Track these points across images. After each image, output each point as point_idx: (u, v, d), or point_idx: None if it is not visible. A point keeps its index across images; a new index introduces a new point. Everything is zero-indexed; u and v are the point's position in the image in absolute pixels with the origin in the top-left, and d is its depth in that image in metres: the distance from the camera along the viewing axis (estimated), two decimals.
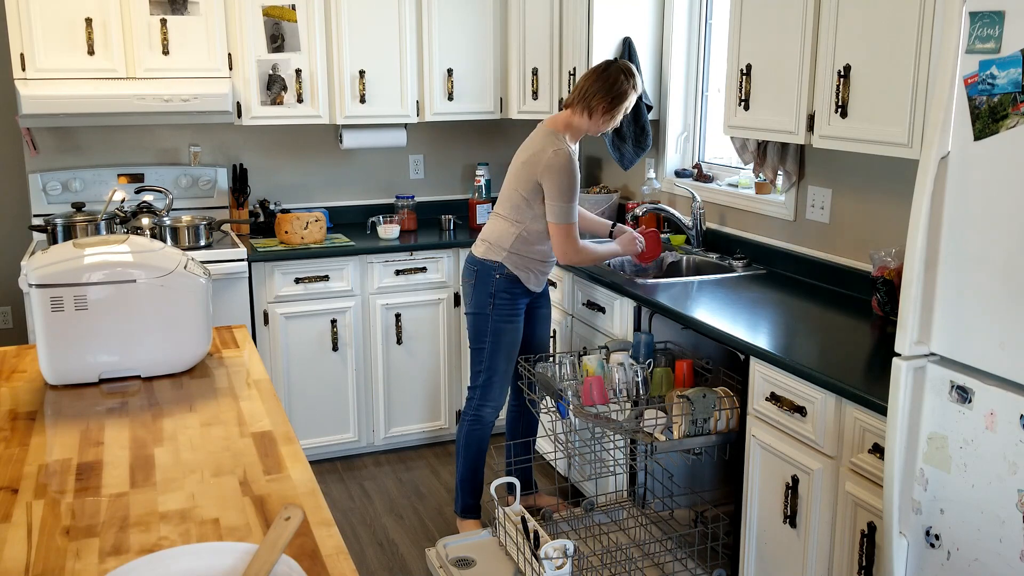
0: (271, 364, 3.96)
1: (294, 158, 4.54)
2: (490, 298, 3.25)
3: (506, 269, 3.23)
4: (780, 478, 2.53)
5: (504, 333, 3.28)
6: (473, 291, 3.30)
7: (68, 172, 4.12)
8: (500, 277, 3.23)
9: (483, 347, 3.31)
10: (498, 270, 3.23)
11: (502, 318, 3.27)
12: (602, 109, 3.18)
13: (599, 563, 3.06)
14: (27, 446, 1.83)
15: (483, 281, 3.26)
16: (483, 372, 3.33)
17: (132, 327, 2.17)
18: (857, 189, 3.12)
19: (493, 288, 3.24)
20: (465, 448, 3.40)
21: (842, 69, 2.65)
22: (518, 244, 3.22)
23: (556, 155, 3.12)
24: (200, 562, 1.28)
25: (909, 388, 1.95)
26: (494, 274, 3.23)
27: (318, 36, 4.10)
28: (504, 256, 3.22)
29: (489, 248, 3.26)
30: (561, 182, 3.11)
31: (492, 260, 3.23)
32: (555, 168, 3.11)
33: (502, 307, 3.26)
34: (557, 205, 3.14)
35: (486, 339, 3.29)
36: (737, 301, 3.06)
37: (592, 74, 3.22)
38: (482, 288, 3.26)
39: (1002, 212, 1.77)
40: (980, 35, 1.78)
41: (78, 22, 3.73)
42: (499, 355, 3.30)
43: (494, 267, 3.23)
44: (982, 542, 1.86)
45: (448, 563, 3.04)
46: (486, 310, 3.27)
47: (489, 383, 3.33)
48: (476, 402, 3.37)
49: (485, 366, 3.32)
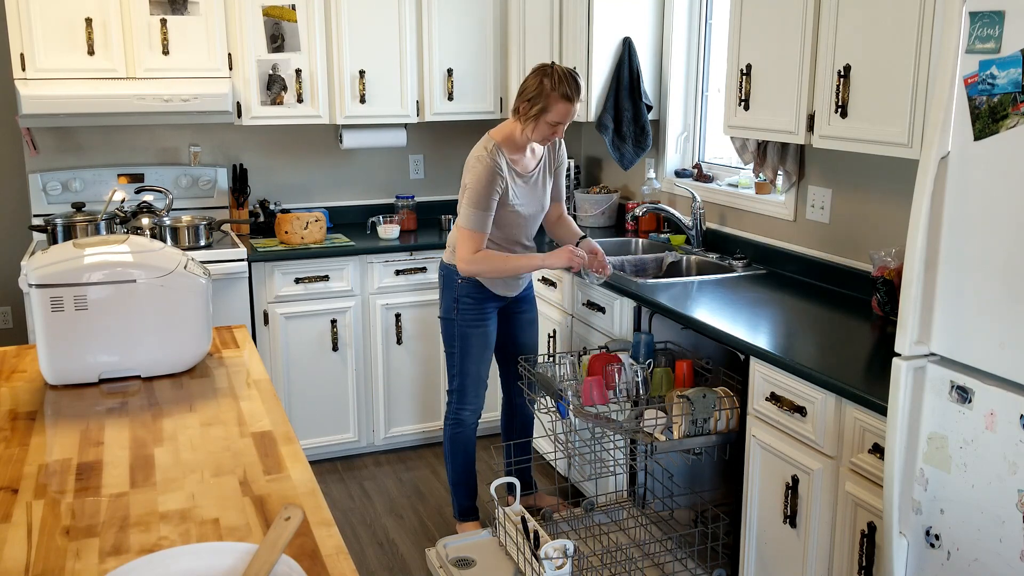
0: (271, 364, 3.96)
1: (294, 158, 4.54)
2: (455, 303, 3.24)
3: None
4: (780, 478, 2.53)
5: (470, 337, 3.26)
6: (441, 296, 3.32)
7: (68, 172, 4.12)
8: (463, 282, 3.21)
9: (453, 351, 3.31)
10: (459, 275, 3.20)
11: (467, 323, 3.25)
12: (523, 111, 3.05)
13: (599, 563, 3.06)
14: (27, 446, 1.83)
15: (447, 286, 3.26)
16: (455, 376, 3.33)
17: (132, 327, 2.17)
18: (857, 189, 3.12)
19: (457, 293, 3.23)
20: (452, 453, 3.40)
21: (842, 69, 2.65)
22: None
23: (475, 160, 3.09)
24: (200, 562, 1.28)
25: (909, 388, 1.95)
26: (456, 279, 3.21)
27: (318, 36, 4.10)
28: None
29: (452, 254, 3.23)
30: (470, 186, 3.06)
31: (455, 264, 3.19)
32: (469, 172, 3.09)
33: (467, 311, 3.24)
34: (462, 209, 3.10)
35: (455, 343, 3.29)
36: (737, 301, 3.06)
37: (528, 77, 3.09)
38: (447, 293, 3.27)
39: (1002, 212, 1.77)
40: (980, 35, 1.78)
41: (78, 22, 3.73)
42: (468, 359, 3.28)
43: (455, 271, 3.20)
44: (982, 542, 1.86)
45: (448, 563, 3.04)
46: (452, 315, 3.26)
47: (463, 387, 3.33)
48: (454, 406, 3.37)
49: (457, 370, 3.32)
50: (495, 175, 3.06)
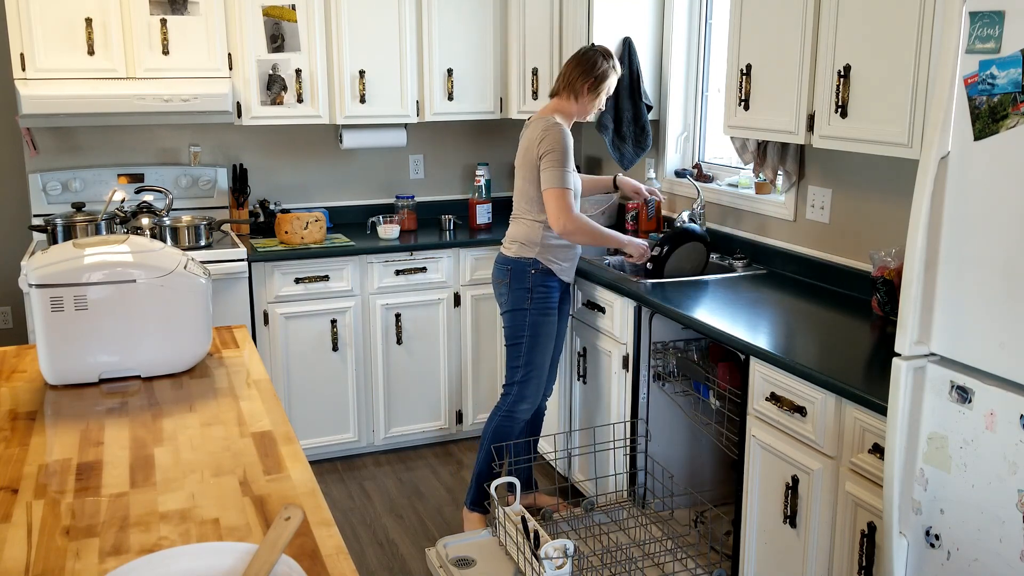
0: (271, 364, 3.96)
1: (294, 158, 4.54)
2: (528, 292, 3.31)
3: (540, 264, 3.30)
4: (780, 478, 2.53)
5: (542, 326, 3.33)
6: (509, 289, 3.36)
7: (68, 172, 4.12)
8: (536, 272, 3.30)
9: (520, 342, 3.35)
10: (533, 266, 3.30)
11: (540, 311, 3.32)
12: (586, 90, 3.30)
13: (599, 563, 3.06)
14: (27, 446, 1.83)
15: (518, 278, 3.32)
16: (521, 368, 3.37)
17: (132, 327, 2.17)
18: (857, 189, 3.12)
19: (530, 283, 3.30)
20: (492, 442, 3.42)
21: (842, 69, 2.65)
22: (547, 236, 3.28)
23: (548, 129, 3.21)
24: (200, 562, 1.28)
25: (909, 388, 1.95)
26: (529, 270, 3.30)
27: (318, 36, 4.10)
28: (538, 252, 3.29)
29: (522, 247, 3.32)
30: (553, 149, 3.18)
31: (527, 257, 3.30)
32: (547, 139, 3.20)
33: (539, 301, 3.32)
34: (549, 171, 3.19)
35: (523, 334, 3.34)
36: (737, 301, 3.06)
37: (573, 60, 3.36)
38: (518, 284, 3.32)
39: (1002, 212, 1.77)
40: (980, 35, 1.78)
41: (78, 22, 3.73)
42: (537, 350, 3.35)
43: (529, 263, 3.30)
44: (982, 542, 1.86)
45: (448, 563, 3.04)
46: (524, 305, 3.32)
47: (527, 379, 3.37)
48: (512, 398, 3.39)
49: (524, 361, 3.36)
50: (570, 136, 3.24)
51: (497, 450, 3.40)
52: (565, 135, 3.21)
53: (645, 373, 3.29)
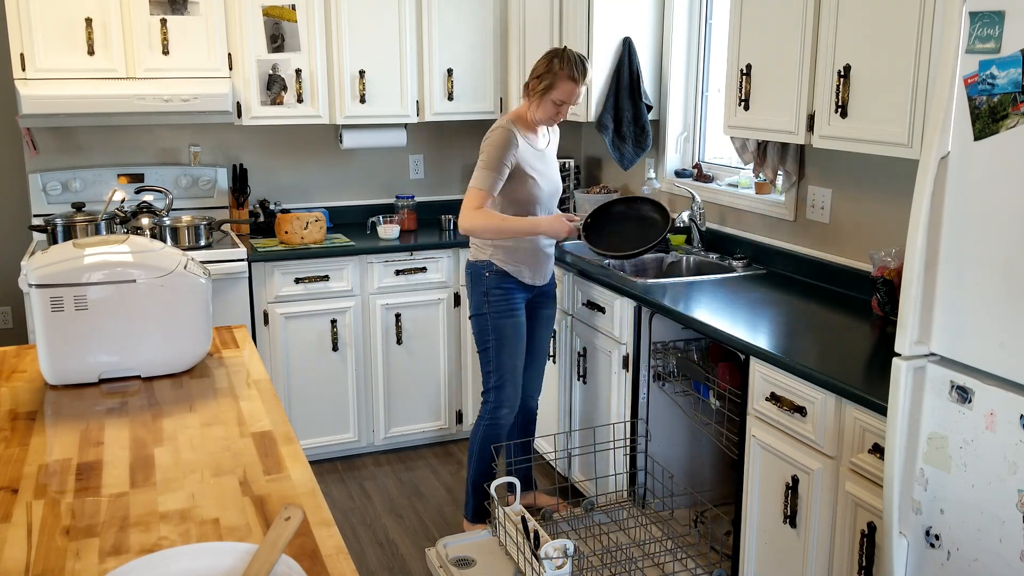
0: (271, 364, 3.96)
1: (294, 158, 4.54)
2: (484, 296, 3.25)
3: (494, 266, 3.23)
4: (780, 478, 2.53)
5: (504, 328, 3.26)
6: (470, 293, 3.32)
7: (68, 172, 4.12)
8: (490, 275, 3.24)
9: (488, 347, 3.29)
10: (487, 268, 3.24)
11: (500, 314, 3.25)
12: (531, 89, 3.18)
13: (599, 563, 3.06)
14: (27, 446, 1.83)
15: (475, 281, 3.28)
16: (493, 373, 3.30)
17: (132, 327, 2.17)
18: (857, 189, 3.12)
19: (485, 286, 3.25)
20: (480, 452, 3.36)
21: (842, 69, 2.65)
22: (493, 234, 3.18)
23: (492, 130, 3.17)
24: (200, 562, 1.28)
25: (909, 388, 1.95)
26: (484, 272, 3.25)
27: (318, 36, 4.10)
28: (489, 253, 3.24)
29: (476, 248, 3.29)
30: (485, 150, 3.14)
31: (481, 260, 3.26)
32: (486, 139, 3.16)
33: (497, 303, 3.25)
34: (475, 170, 3.16)
35: (489, 338, 3.28)
36: (737, 301, 3.06)
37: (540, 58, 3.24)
38: (475, 288, 3.28)
39: (1002, 212, 1.77)
40: (980, 35, 1.78)
41: (78, 22, 3.73)
42: (504, 352, 3.28)
43: (483, 266, 3.25)
44: (982, 542, 1.86)
45: (448, 563, 3.04)
46: (483, 309, 3.27)
47: (500, 384, 3.31)
48: (491, 405, 3.33)
49: (493, 366, 3.30)
50: (510, 140, 3.13)
51: (490, 453, 3.36)
52: (503, 138, 3.12)
53: (645, 373, 3.29)
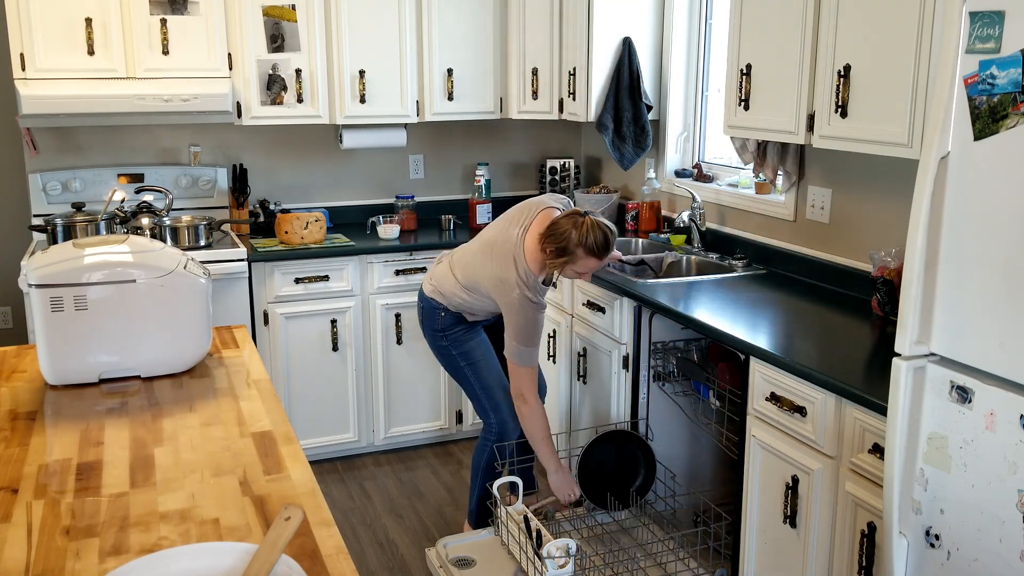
0: (271, 364, 3.96)
1: (294, 158, 4.54)
2: (441, 333, 3.22)
3: (450, 311, 3.19)
4: (780, 478, 2.53)
5: (472, 351, 3.22)
6: (424, 328, 3.28)
7: (68, 172, 4.12)
8: (445, 315, 3.20)
9: (464, 374, 3.26)
10: (442, 310, 3.19)
11: (461, 341, 3.22)
12: (549, 253, 2.91)
13: (601, 562, 3.06)
14: (27, 446, 1.83)
15: (428, 318, 3.23)
16: (480, 396, 3.26)
17: (132, 327, 2.17)
18: (857, 189, 3.12)
19: (440, 325, 3.21)
20: (487, 470, 3.31)
21: (842, 69, 2.65)
22: (464, 301, 3.15)
23: (518, 297, 2.95)
24: (200, 562, 1.28)
25: (909, 388, 1.95)
26: (439, 312, 3.20)
27: (318, 36, 4.10)
28: (446, 301, 3.17)
29: (436, 291, 3.19)
30: (520, 325, 2.98)
31: (438, 302, 3.19)
32: (517, 310, 2.96)
33: (457, 335, 3.22)
34: (517, 347, 3.01)
35: (461, 365, 3.24)
36: (737, 301, 3.06)
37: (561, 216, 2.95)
38: (429, 325, 3.24)
39: (1002, 212, 1.77)
40: (980, 35, 1.78)
41: (78, 22, 3.73)
42: (482, 371, 3.24)
43: (438, 307, 3.19)
44: (982, 542, 1.86)
45: (448, 563, 3.04)
46: (441, 343, 3.23)
47: (495, 403, 3.25)
48: (496, 428, 3.28)
49: (479, 388, 3.25)
50: (541, 307, 3.00)
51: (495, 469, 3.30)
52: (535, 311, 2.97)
53: (645, 373, 3.29)
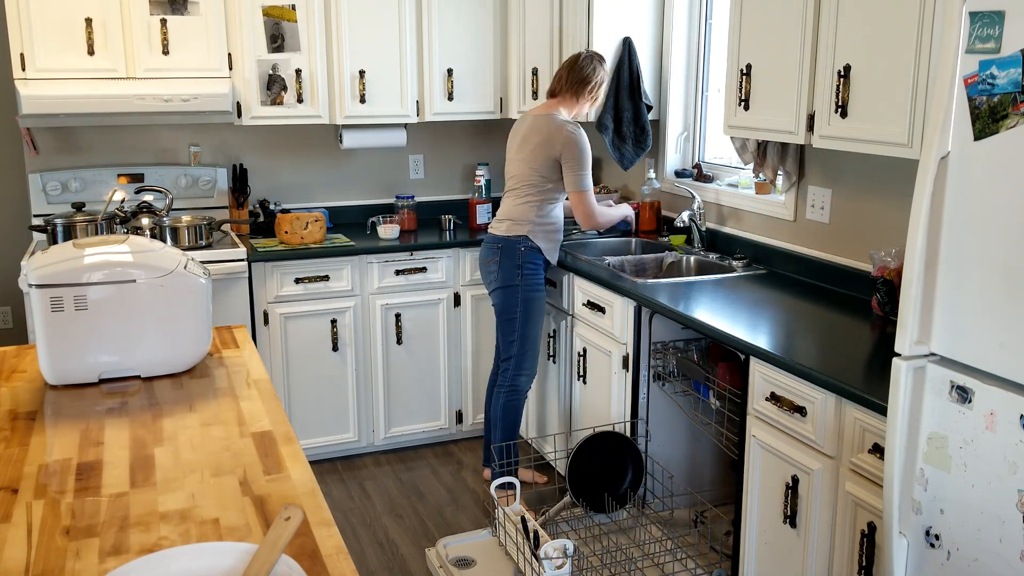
0: (271, 364, 3.96)
1: (294, 158, 4.54)
2: (518, 269, 3.50)
3: (530, 241, 3.50)
4: (780, 478, 2.53)
5: (533, 301, 3.53)
6: (499, 267, 3.54)
7: (68, 172, 4.12)
8: (525, 250, 3.50)
9: (514, 318, 3.54)
10: (523, 243, 3.50)
11: (531, 287, 3.52)
12: (591, 93, 3.60)
13: (599, 563, 3.06)
14: (27, 446, 1.83)
15: (509, 255, 3.51)
16: (516, 342, 3.56)
17: (132, 327, 2.17)
18: (857, 189, 3.12)
19: (520, 260, 3.50)
20: (503, 419, 3.60)
21: (842, 69, 2.65)
22: (540, 216, 3.53)
23: (573, 133, 3.48)
24: (200, 562, 1.28)
25: (909, 388, 1.95)
26: (519, 247, 3.50)
27: (318, 36, 4.10)
28: (528, 229, 3.50)
29: (512, 224, 3.54)
30: (580, 155, 3.48)
31: (517, 235, 3.50)
32: (573, 143, 3.47)
33: (530, 276, 3.51)
34: (577, 174, 3.48)
35: (516, 310, 3.53)
36: (737, 301, 3.06)
37: (572, 65, 3.61)
38: (508, 262, 3.51)
39: (1002, 212, 1.77)
40: (980, 35, 1.78)
41: (78, 22, 3.73)
42: (530, 323, 3.55)
43: (519, 240, 3.50)
44: (982, 542, 1.86)
45: (448, 563, 3.04)
46: (515, 281, 3.51)
47: (523, 352, 3.57)
48: (512, 372, 3.59)
49: (518, 335, 3.55)
50: (586, 137, 3.53)
51: (514, 417, 3.61)
52: (586, 140, 3.49)
53: (645, 373, 3.29)
